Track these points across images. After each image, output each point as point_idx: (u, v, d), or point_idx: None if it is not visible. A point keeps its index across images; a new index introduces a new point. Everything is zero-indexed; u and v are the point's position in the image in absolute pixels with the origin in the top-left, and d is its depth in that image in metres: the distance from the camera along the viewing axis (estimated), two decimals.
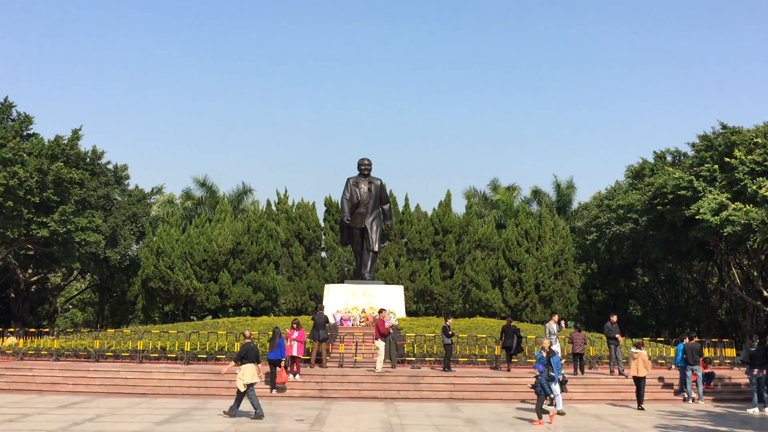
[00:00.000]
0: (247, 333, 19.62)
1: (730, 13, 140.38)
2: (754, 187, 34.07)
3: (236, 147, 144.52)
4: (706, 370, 24.76)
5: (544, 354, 19.25)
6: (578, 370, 25.71)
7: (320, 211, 50.14)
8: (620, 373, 25.14)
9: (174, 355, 27.04)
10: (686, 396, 23.78)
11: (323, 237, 49.55)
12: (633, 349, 22.48)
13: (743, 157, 35.80)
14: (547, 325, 25.98)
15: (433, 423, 17.69)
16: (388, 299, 35.28)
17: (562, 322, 27.42)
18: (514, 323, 27.55)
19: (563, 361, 23.69)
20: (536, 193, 61.11)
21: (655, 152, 47.48)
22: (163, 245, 43.51)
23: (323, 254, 49.98)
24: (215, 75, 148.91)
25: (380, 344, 24.58)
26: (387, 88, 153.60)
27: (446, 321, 26.03)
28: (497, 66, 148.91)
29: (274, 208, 50.40)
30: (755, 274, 42.65)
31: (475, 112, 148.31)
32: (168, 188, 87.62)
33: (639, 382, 21.71)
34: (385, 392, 22.97)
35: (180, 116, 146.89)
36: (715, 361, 29.09)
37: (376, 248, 37.20)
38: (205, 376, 23.76)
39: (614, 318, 26.65)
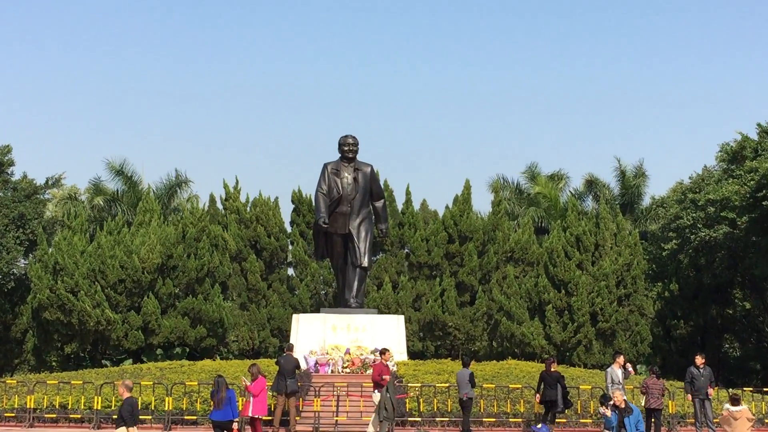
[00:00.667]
0: (128, 383, 19.36)
1: None
2: None
3: (166, 122, 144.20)
4: None
5: (612, 412, 19.14)
6: None
7: (286, 211, 50.23)
8: None
9: (79, 416, 26.97)
10: None
11: (290, 247, 49.50)
12: (728, 406, 22.45)
13: None
14: (608, 370, 25.94)
15: None
16: (383, 335, 35.19)
17: (629, 366, 27.23)
18: (557, 368, 27.51)
19: None
20: (591, 184, 61.15)
21: (759, 125, 47.44)
22: (63, 260, 43.27)
23: (290, 272, 49.92)
24: (130, 31, 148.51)
25: (377, 397, 24.50)
26: (377, 41, 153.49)
27: (466, 366, 25.96)
28: (532, 17, 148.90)
29: (220, 205, 50.36)
30: None
31: (501, 76, 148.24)
32: (70, 179, 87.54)
33: None
34: None
35: (86, 84, 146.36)
36: None
37: (365, 263, 37.10)
38: None
39: (701, 360, 26.60)
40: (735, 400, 22.16)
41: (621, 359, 26.54)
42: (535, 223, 55.04)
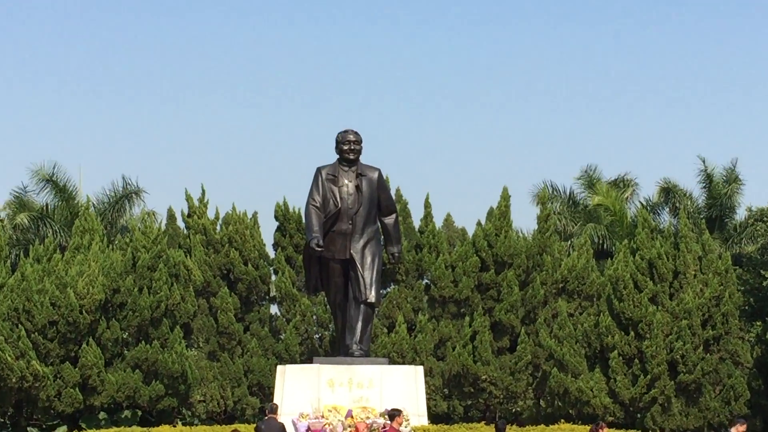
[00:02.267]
0: None
1: None
2: None
3: (111, 118, 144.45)
4: None
5: None
6: None
7: (268, 230, 50.31)
8: None
9: None
10: None
11: (273, 278, 49.57)
12: None
13: None
14: None
15: None
16: (395, 392, 35.15)
17: None
18: None
19: None
20: (668, 193, 61.14)
21: None
22: None
23: (274, 310, 50.02)
24: (65, 16, 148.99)
25: None
26: (382, 21, 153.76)
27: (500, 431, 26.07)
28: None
29: (182, 224, 50.47)
30: None
31: (546, 57, 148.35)
32: None
33: None
34: None
35: (10, 76, 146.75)
36: None
37: (372, 298, 37.00)
38: None
39: None
40: None
41: (741, 428, 26.42)
42: (594, 245, 54.99)
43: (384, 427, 31.48)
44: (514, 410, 45.64)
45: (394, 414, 26.69)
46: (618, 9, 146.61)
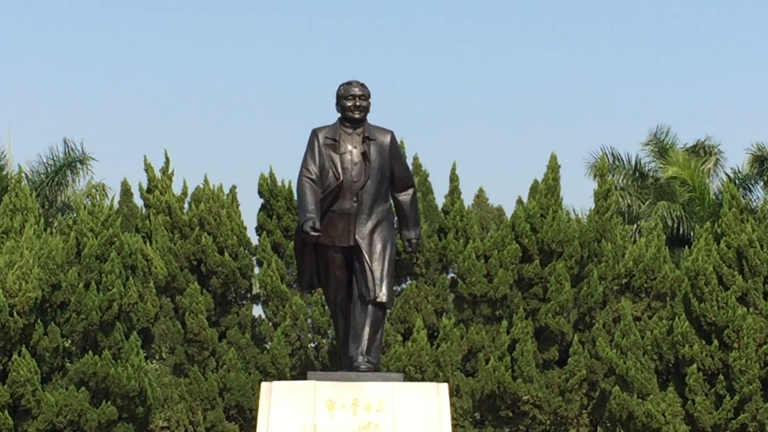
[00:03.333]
0: None
1: None
2: None
3: (52, 71, 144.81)
4: None
5: None
6: None
7: (250, 209, 50.43)
8: None
9: None
10: None
11: (257, 270, 49.65)
12: None
13: None
14: None
15: None
16: (413, 416, 35.19)
17: None
18: None
19: None
20: (762, 163, 61.22)
21: None
22: None
23: (257, 311, 50.17)
24: None
25: None
26: None
27: None
28: None
29: (140, 201, 50.55)
30: None
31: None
32: None
33: None
34: None
35: None
36: None
37: (382, 297, 36.70)
38: None
39: None
40: None
41: None
42: (667, 228, 55.04)
43: None
44: None
45: None
46: None
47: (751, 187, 60.00)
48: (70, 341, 44.42)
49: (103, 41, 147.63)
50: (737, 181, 59.34)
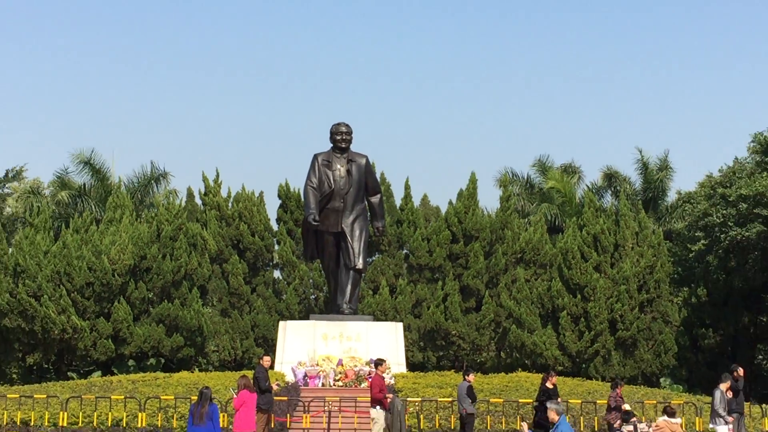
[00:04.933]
0: None
1: None
2: None
3: (140, 109, 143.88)
4: None
5: None
6: None
7: (272, 206, 50.18)
8: None
9: None
10: None
11: (276, 247, 49.44)
12: (666, 418, 22.45)
13: None
14: (716, 392, 24.82)
15: None
16: (379, 344, 35.13)
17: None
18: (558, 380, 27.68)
19: None
20: (610, 178, 61.24)
21: None
22: (25, 261, 43.09)
23: (276, 274, 49.89)
24: (102, 16, 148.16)
25: (377, 414, 24.41)
26: (370, 21, 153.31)
27: (467, 377, 25.96)
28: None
29: (199, 201, 50.30)
30: None
31: (508, 60, 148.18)
32: (32, 171, 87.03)
33: None
34: None
35: (49, 68, 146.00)
36: None
37: (359, 264, 37.00)
38: None
39: (740, 371, 26.46)
40: (672, 413, 22.20)
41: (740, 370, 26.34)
42: (547, 221, 55.01)
43: (369, 374, 31.43)
44: (478, 360, 45.57)
45: (378, 363, 26.52)
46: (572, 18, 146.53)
47: (602, 194, 59.96)
48: (152, 293, 44.14)
49: (175, 96, 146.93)
50: (593, 191, 59.35)
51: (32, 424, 27.30)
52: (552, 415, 17.90)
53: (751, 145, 48.53)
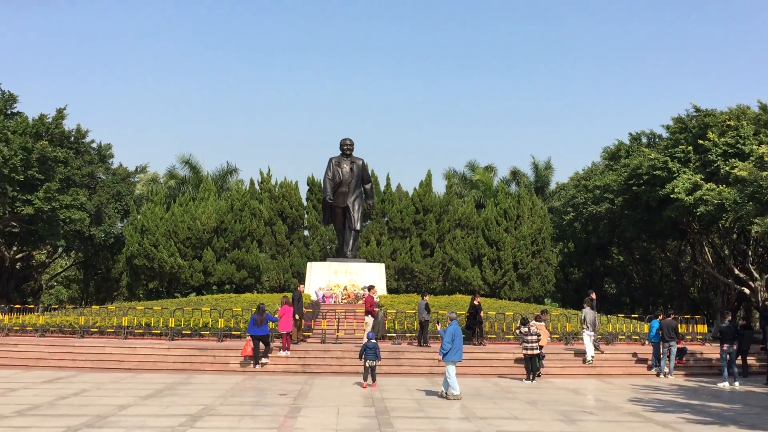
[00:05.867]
0: None
1: (702, 5, 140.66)
2: (727, 168, 34.29)
3: (221, 127, 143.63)
4: (679, 346, 24.92)
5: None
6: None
7: (303, 191, 50.10)
8: (596, 349, 25.14)
9: (158, 331, 26.96)
10: (659, 371, 23.98)
11: (306, 216, 49.41)
12: (534, 322, 22.52)
13: (716, 139, 35.99)
14: (583, 311, 24.98)
15: (413, 397, 17.74)
16: (370, 277, 35.32)
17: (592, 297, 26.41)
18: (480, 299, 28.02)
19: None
20: (515, 174, 61.26)
21: (630, 134, 47.60)
22: (148, 223, 43.11)
23: (306, 233, 49.87)
24: (198, 58, 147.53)
25: (369, 319, 24.63)
26: (369, 71, 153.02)
27: (424, 297, 26.16)
28: (475, 50, 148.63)
29: (257, 187, 50.14)
30: (726, 252, 43.06)
31: (454, 95, 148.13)
32: (152, 167, 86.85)
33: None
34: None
35: (164, 96, 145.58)
36: (687, 337, 29.38)
37: (357, 227, 37.17)
38: (190, 351, 23.68)
39: (593, 294, 26.66)
40: (539, 318, 22.33)
41: (593, 295, 26.33)
42: (475, 201, 55.10)
43: (364, 295, 31.60)
44: (431, 287, 45.71)
45: (370, 288, 26.71)
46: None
47: (509, 184, 59.99)
48: (228, 244, 44.01)
49: (243, 114, 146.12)
50: (504, 182, 59.41)
51: (152, 325, 27.38)
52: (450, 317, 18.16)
53: (602, 154, 49.03)
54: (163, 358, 23.48)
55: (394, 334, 27.45)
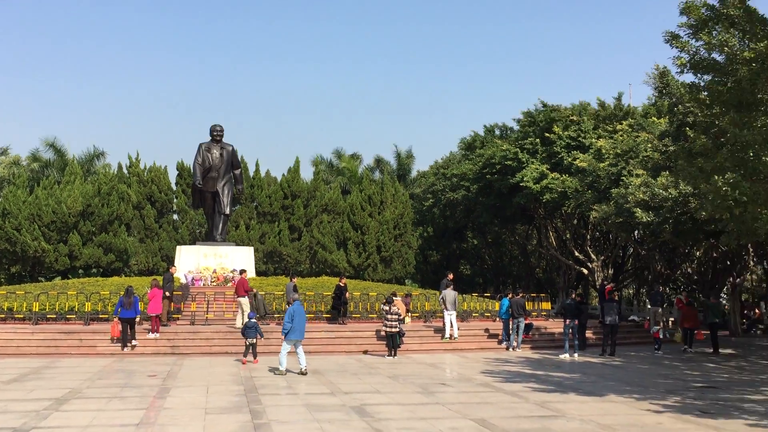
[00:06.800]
0: None
1: (549, 6, 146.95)
2: (570, 160, 36.18)
3: (88, 111, 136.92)
4: (527, 321, 26.09)
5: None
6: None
7: (172, 175, 48.67)
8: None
9: (21, 316, 25.56)
10: (509, 345, 25.03)
11: (175, 200, 48.02)
12: (397, 299, 23.23)
13: (561, 133, 37.86)
14: (443, 292, 25.40)
15: (283, 375, 17.69)
16: (239, 260, 34.84)
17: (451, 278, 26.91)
18: (346, 281, 28.34)
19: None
20: (379, 162, 61.91)
21: (485, 126, 49.17)
22: (9, 207, 40.54)
23: (175, 217, 48.49)
24: (61, 39, 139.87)
25: (244, 301, 24.20)
26: (239, 57, 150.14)
27: (292, 279, 26.14)
28: (341, 42, 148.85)
29: (125, 171, 48.20)
30: (568, 236, 45.36)
31: (322, 84, 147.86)
32: (14, 150, 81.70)
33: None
34: (236, 347, 22.72)
35: (28, 78, 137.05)
36: (533, 314, 30.79)
37: (227, 211, 36.54)
38: (55, 335, 22.56)
39: (450, 275, 27.42)
40: (390, 300, 22.51)
41: (450, 276, 26.76)
42: (341, 187, 55.25)
43: (233, 278, 31.20)
44: (299, 269, 45.58)
45: (242, 271, 26.22)
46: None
47: (374, 171, 60.59)
48: (95, 228, 41.86)
49: (109, 94, 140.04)
50: (369, 169, 59.86)
51: (15, 309, 25.91)
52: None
53: (459, 144, 50.47)
54: (27, 342, 22.25)
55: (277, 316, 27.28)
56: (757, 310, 40.55)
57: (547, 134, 38.46)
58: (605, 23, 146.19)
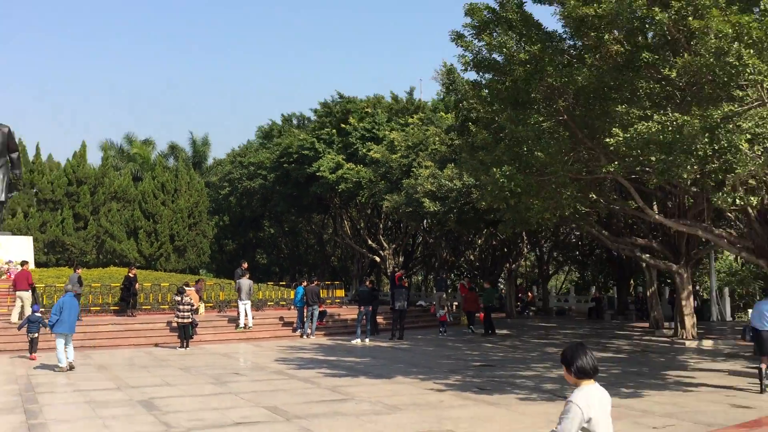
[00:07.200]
0: None
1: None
2: (364, 150, 37.09)
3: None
4: (321, 309, 26.43)
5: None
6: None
7: None
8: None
9: None
10: (303, 332, 25.25)
11: None
12: (186, 287, 22.99)
13: (356, 124, 38.70)
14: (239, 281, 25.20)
15: (64, 372, 16.59)
16: (15, 250, 32.28)
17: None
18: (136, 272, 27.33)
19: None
20: (173, 149, 59.95)
21: (283, 115, 49.35)
22: None
23: None
24: None
25: (26, 295, 22.34)
26: (5, 31, 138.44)
27: (76, 270, 24.69)
28: (140, 25, 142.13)
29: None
30: (362, 225, 46.55)
31: (108, 66, 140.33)
32: None
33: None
34: (13, 344, 20.97)
35: None
36: (328, 301, 31.30)
37: (3, 198, 33.69)
38: None
39: (245, 264, 27.16)
40: (182, 290, 21.90)
41: (245, 264, 26.51)
42: (133, 174, 53.04)
43: (9, 270, 29.05)
44: (85, 260, 42.99)
45: (23, 263, 24.19)
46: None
47: (168, 158, 58.45)
48: None
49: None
50: (163, 156, 57.83)
51: None
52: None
53: (257, 133, 50.30)
54: None
55: (44, 309, 25.39)
56: (530, 294, 43.96)
57: (343, 125, 39.15)
58: (401, 16, 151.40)
